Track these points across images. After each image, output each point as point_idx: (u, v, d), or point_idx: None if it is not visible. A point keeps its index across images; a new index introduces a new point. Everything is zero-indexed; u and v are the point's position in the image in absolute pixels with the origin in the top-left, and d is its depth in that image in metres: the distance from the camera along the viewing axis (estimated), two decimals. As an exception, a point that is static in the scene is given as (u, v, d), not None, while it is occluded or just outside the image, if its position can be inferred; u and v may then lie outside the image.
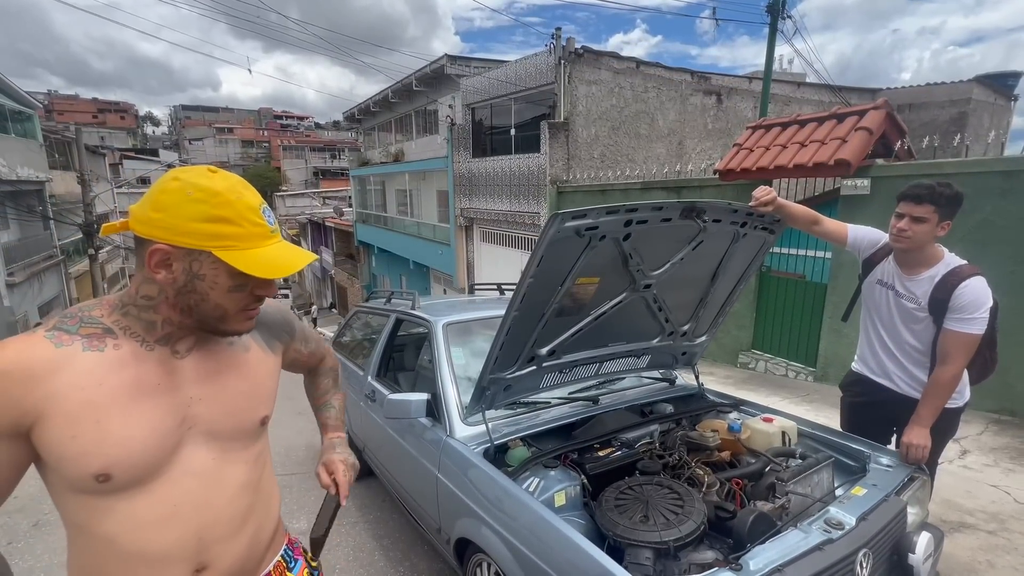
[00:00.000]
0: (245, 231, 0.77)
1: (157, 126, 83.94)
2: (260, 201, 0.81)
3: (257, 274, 0.78)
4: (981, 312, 1.78)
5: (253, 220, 0.78)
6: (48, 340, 0.77)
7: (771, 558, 1.33)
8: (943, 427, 1.97)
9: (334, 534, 2.89)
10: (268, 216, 0.81)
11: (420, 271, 15.18)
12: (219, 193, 0.75)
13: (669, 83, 10.03)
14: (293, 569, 1.06)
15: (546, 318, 1.76)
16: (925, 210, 1.77)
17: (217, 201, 0.75)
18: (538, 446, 1.99)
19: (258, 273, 0.78)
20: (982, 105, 11.61)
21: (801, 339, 5.70)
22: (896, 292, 1.96)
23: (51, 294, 14.94)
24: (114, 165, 28.69)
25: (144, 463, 0.79)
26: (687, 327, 2.28)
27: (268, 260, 0.79)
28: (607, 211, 1.50)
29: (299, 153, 59.66)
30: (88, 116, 60.41)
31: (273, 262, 0.79)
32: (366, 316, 3.67)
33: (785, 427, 2.10)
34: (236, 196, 0.77)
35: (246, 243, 0.78)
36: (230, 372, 0.90)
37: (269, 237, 0.80)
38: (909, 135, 5.36)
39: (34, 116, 15.49)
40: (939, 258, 1.87)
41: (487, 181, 11.11)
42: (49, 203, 15.32)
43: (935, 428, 1.90)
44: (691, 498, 1.60)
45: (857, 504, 1.58)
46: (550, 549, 1.45)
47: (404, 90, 14.70)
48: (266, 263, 0.79)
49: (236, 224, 0.76)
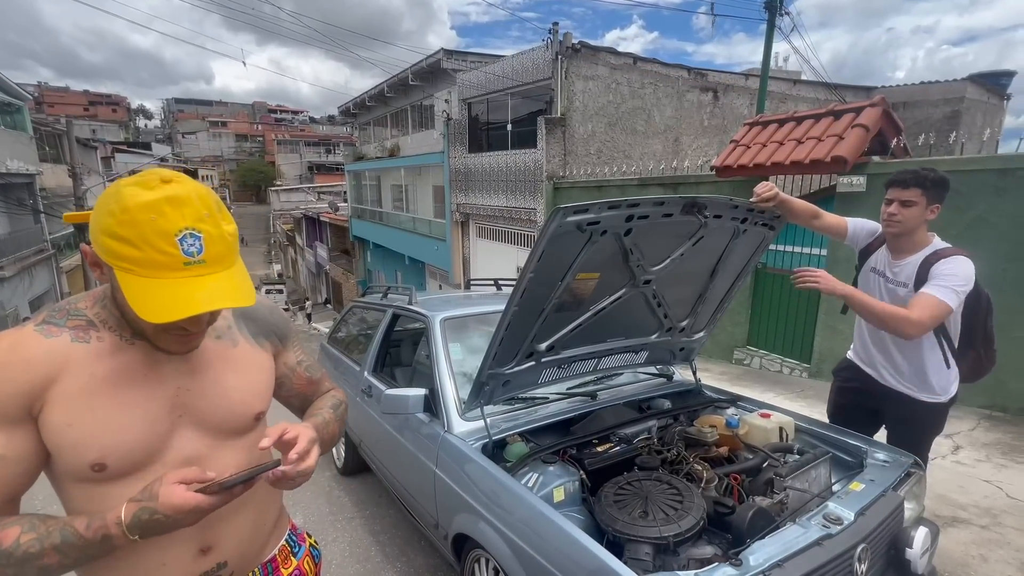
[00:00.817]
0: (145, 256, 0.69)
1: (150, 119, 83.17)
2: (185, 226, 0.70)
3: (135, 308, 0.69)
4: (957, 283, 1.74)
5: (159, 247, 0.69)
6: (38, 333, 0.78)
7: (771, 553, 1.33)
8: (928, 423, 1.99)
9: (330, 528, 2.89)
10: (191, 244, 0.70)
11: (416, 267, 15.14)
12: (128, 210, 0.68)
13: (666, 79, 10.02)
14: (297, 554, 1.08)
15: (545, 313, 1.75)
16: (913, 194, 1.84)
17: (123, 219, 0.68)
18: (536, 441, 1.98)
19: (135, 307, 0.69)
20: (975, 104, 11.69)
21: (796, 335, 5.73)
22: (886, 278, 1.99)
23: (42, 288, 14.78)
24: (106, 159, 28.32)
25: (138, 450, 0.79)
26: (685, 323, 2.28)
27: (158, 295, 0.69)
28: (609, 206, 1.49)
29: (294, 147, 59.29)
30: (79, 109, 59.66)
31: (162, 299, 0.69)
32: (362, 311, 3.65)
33: (783, 423, 2.11)
34: (148, 217, 0.68)
35: (144, 269, 0.69)
36: (217, 366, 0.89)
37: (179, 269, 0.70)
38: (905, 132, 5.37)
39: (24, 108, 15.27)
40: (928, 243, 1.91)
41: (483, 177, 11.07)
42: (40, 196, 15.14)
43: (920, 425, 1.94)
44: (690, 493, 1.60)
45: (855, 499, 1.58)
46: (549, 544, 1.45)
47: (400, 85, 14.61)
48: (152, 299, 0.69)
49: (136, 247, 0.68)
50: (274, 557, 1.02)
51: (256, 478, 0.79)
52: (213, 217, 0.73)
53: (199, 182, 0.76)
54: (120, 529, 0.72)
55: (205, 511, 0.75)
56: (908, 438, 1.99)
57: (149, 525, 0.73)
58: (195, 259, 0.71)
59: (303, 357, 1.10)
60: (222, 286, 0.73)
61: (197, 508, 0.73)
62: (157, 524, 0.73)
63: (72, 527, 0.72)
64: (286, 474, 0.81)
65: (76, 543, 0.72)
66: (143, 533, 0.73)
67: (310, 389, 1.11)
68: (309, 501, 3.22)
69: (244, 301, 0.75)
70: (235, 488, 0.77)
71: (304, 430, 0.86)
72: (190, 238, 0.70)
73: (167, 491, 0.72)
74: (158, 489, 0.73)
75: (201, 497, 0.73)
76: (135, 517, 0.72)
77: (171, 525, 0.74)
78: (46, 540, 0.71)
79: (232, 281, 0.75)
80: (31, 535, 0.71)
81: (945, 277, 1.77)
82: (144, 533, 0.73)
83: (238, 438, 0.90)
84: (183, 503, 0.72)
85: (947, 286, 1.75)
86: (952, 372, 1.95)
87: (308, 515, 3.06)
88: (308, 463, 0.83)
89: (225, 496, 0.77)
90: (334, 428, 1.05)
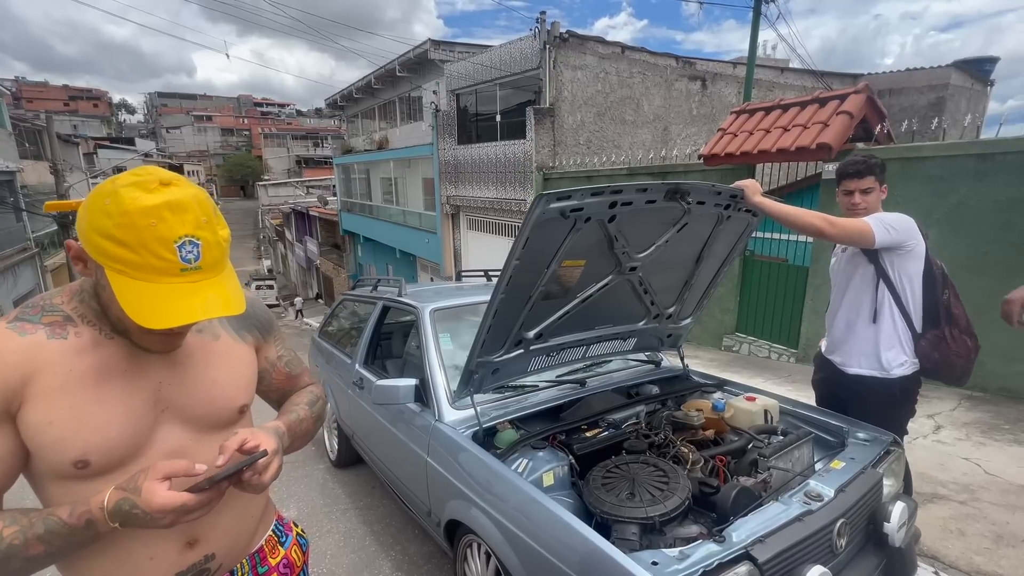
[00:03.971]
0: (142, 260, 0.69)
1: (132, 114, 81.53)
2: (185, 233, 0.70)
3: (128, 311, 0.69)
4: (888, 219, 1.88)
5: (157, 253, 0.69)
6: (11, 330, 0.76)
7: (753, 529, 1.37)
8: (882, 402, 2.03)
9: (325, 520, 2.91)
10: (189, 252, 0.71)
11: (407, 260, 15.08)
12: (128, 214, 0.67)
13: (654, 68, 10.01)
14: (284, 544, 1.09)
15: (532, 301, 1.77)
16: (868, 182, 2.01)
17: (121, 222, 0.67)
18: (526, 428, 2.01)
19: (129, 311, 0.69)
20: (959, 90, 11.79)
21: (784, 321, 5.81)
22: (844, 249, 2.13)
23: (26, 287, 14.53)
24: (88, 154, 27.82)
25: (121, 446, 0.78)
26: (672, 309, 2.31)
27: (151, 301, 0.69)
28: (592, 192, 1.50)
29: (281, 141, 58.48)
30: (59, 104, 58.28)
31: (156, 305, 0.69)
32: (353, 304, 3.65)
33: (767, 405, 2.15)
34: (148, 222, 0.68)
35: (139, 273, 0.69)
36: (199, 359, 0.88)
37: (175, 275, 0.70)
38: (889, 119, 5.43)
39: (1, 103, 14.91)
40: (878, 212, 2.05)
41: (473, 168, 11.02)
42: (21, 194, 14.84)
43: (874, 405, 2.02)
44: (676, 475, 1.63)
45: (835, 477, 1.63)
46: (539, 528, 1.48)
47: (387, 76, 14.45)
48: (147, 303, 0.69)
49: (133, 251, 0.68)
50: (261, 548, 1.03)
51: (244, 470, 0.77)
52: (211, 223, 0.73)
53: (195, 184, 0.76)
54: (102, 514, 0.71)
55: (192, 510, 0.72)
56: (868, 420, 2.00)
57: (130, 517, 0.71)
58: (192, 266, 0.71)
59: (283, 352, 1.09)
60: (216, 293, 0.74)
61: (183, 507, 0.71)
62: (137, 518, 0.71)
63: (56, 515, 0.72)
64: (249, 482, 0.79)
65: (60, 531, 0.71)
66: (124, 523, 0.72)
67: (289, 384, 1.10)
68: (303, 493, 3.24)
69: (236, 309, 0.76)
70: (221, 483, 0.75)
71: (264, 438, 0.82)
72: (189, 245, 0.71)
73: (149, 488, 0.70)
74: (142, 483, 0.71)
75: (187, 496, 0.71)
76: (117, 506, 0.71)
77: (149, 522, 0.71)
78: (29, 531, 0.70)
79: (224, 288, 0.76)
80: (13, 528, 0.71)
81: (874, 213, 1.95)
82: (125, 523, 0.72)
83: (222, 431, 0.89)
84: (167, 503, 0.69)
85: (873, 217, 1.89)
86: (904, 349, 1.98)
87: (302, 507, 3.07)
88: (268, 475, 0.81)
89: (212, 493, 0.75)
90: (308, 425, 1.04)
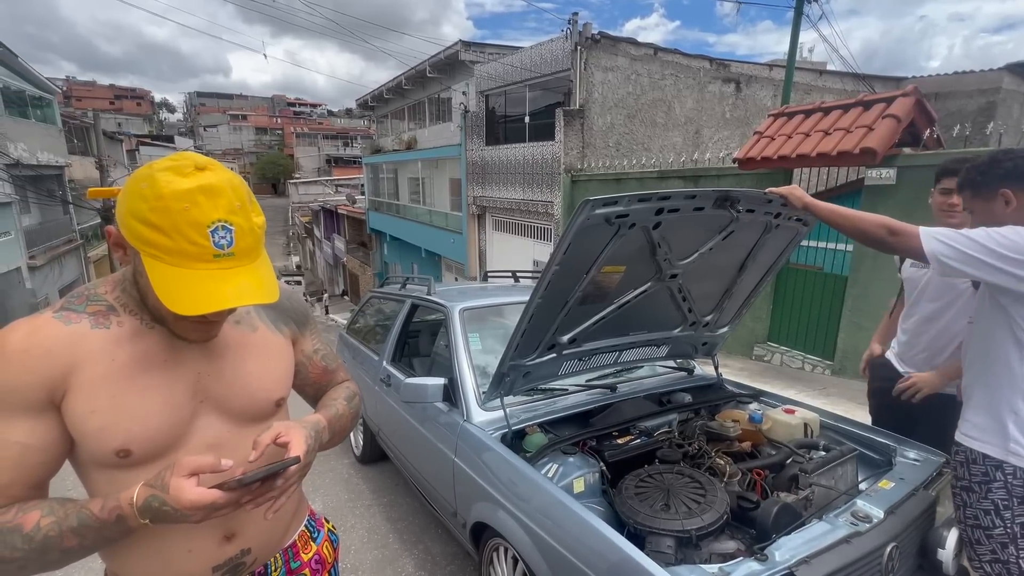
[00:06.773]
0: (175, 246, 0.68)
1: (172, 113, 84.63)
2: (218, 217, 0.69)
3: (161, 297, 0.68)
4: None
5: (190, 237, 0.68)
6: (57, 320, 0.77)
7: (796, 549, 1.31)
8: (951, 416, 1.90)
9: (348, 515, 2.93)
10: (222, 237, 0.70)
11: (432, 259, 15.20)
12: (162, 197, 0.67)
13: (687, 70, 9.83)
14: (316, 539, 1.09)
15: (569, 306, 1.74)
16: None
17: (156, 205, 0.67)
18: (555, 432, 1.98)
19: (162, 297, 0.68)
20: (1012, 94, 11.21)
21: (819, 332, 5.61)
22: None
23: (71, 277, 15.23)
24: (131, 151, 28.99)
25: (161, 436, 0.79)
26: (710, 318, 2.24)
27: (184, 286, 0.69)
28: (639, 199, 1.46)
29: (312, 140, 59.92)
30: (105, 102, 61.07)
31: (189, 291, 0.69)
32: (380, 302, 3.68)
33: (807, 419, 2.06)
34: (182, 206, 0.67)
35: (173, 258, 0.69)
36: (237, 351, 0.88)
37: (208, 261, 0.70)
38: (938, 123, 5.19)
39: (53, 102, 15.68)
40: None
41: (500, 169, 11.03)
42: (68, 188, 15.56)
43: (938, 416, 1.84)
44: (713, 487, 1.58)
45: (884, 497, 1.55)
46: (570, 535, 1.44)
47: (417, 77, 14.61)
48: (179, 289, 0.69)
49: (167, 235, 0.68)
50: (294, 543, 1.03)
51: (276, 475, 0.76)
52: (245, 209, 0.72)
53: (231, 170, 0.75)
54: (132, 511, 0.71)
55: (221, 508, 0.71)
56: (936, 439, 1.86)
57: (160, 513, 0.70)
58: (224, 252, 0.70)
59: (320, 346, 1.08)
60: (249, 281, 0.73)
61: (213, 505, 0.70)
62: (167, 515, 0.70)
63: (88, 509, 0.72)
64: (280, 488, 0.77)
65: (92, 524, 0.71)
66: (154, 519, 0.71)
67: (325, 379, 1.09)
68: (328, 488, 3.28)
69: (269, 297, 0.74)
70: (252, 485, 0.73)
71: (296, 436, 0.80)
72: (222, 230, 0.70)
73: (176, 485, 0.69)
74: (168, 479, 0.70)
75: (217, 493, 0.70)
76: (146, 502, 0.70)
77: (180, 518, 0.70)
78: (64, 523, 0.71)
79: (258, 275, 0.75)
80: (50, 519, 0.71)
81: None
82: (155, 519, 0.71)
83: (259, 424, 0.89)
84: (196, 500, 0.68)
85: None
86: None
87: (327, 502, 3.10)
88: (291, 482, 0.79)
89: (242, 492, 0.73)
90: (346, 421, 1.02)
